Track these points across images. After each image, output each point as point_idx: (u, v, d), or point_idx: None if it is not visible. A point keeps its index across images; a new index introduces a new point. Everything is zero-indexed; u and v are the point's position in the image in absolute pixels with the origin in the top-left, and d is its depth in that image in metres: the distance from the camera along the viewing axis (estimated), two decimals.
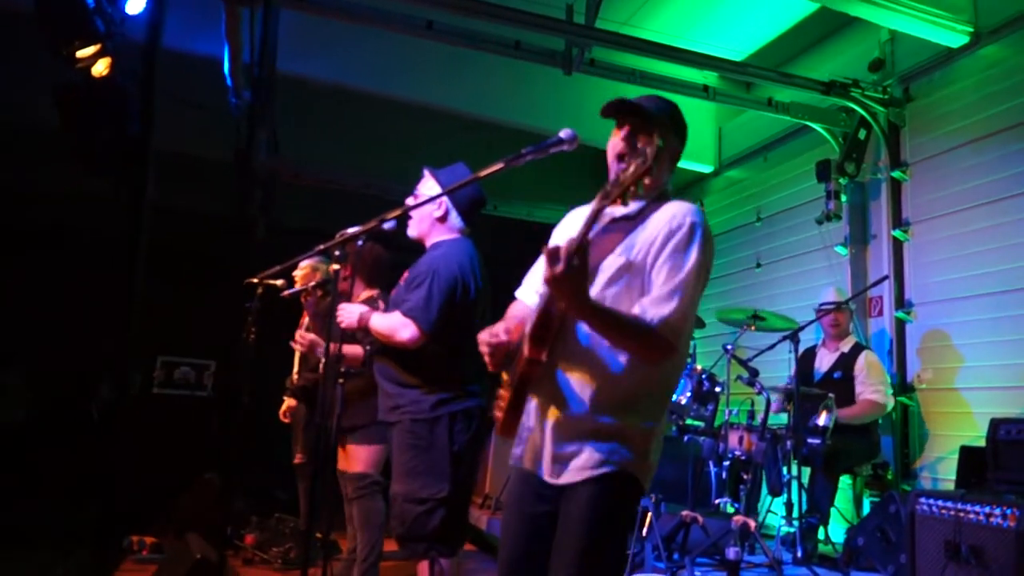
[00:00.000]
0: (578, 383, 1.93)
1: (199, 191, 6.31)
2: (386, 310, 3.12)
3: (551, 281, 1.70)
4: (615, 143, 2.07)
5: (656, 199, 2.04)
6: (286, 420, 5.16)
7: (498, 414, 2.01)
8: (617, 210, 2.01)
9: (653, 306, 1.86)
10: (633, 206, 2.02)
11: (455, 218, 3.06)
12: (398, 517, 2.77)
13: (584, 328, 1.93)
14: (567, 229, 2.13)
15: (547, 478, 1.93)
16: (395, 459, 2.86)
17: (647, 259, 1.92)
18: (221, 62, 4.93)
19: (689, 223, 1.93)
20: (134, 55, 3.92)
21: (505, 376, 1.99)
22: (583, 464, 1.88)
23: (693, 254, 1.90)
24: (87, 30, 3.67)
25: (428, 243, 3.09)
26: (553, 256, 1.68)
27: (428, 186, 3.07)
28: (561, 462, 1.91)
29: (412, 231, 3.10)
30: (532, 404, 2.01)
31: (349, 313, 2.94)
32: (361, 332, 3.05)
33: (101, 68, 3.84)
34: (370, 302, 3.90)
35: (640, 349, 1.88)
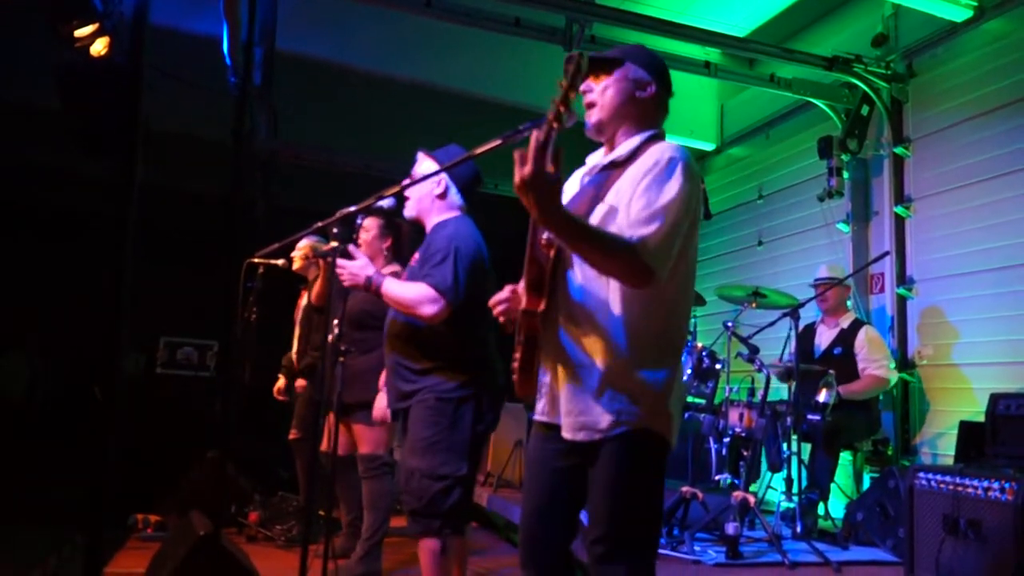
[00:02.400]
0: (578, 336, 1.90)
1: (200, 172, 6.30)
2: None
3: (520, 186, 1.64)
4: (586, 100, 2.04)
5: (646, 142, 1.99)
6: (281, 399, 5.19)
7: (514, 376, 2.02)
8: (607, 157, 2.03)
9: (631, 228, 1.81)
10: (622, 151, 1.99)
11: (455, 195, 3.02)
12: (415, 492, 2.74)
13: (577, 276, 1.91)
14: (570, 188, 2.09)
15: (565, 434, 1.91)
16: (413, 434, 2.81)
17: (629, 198, 1.88)
18: (220, 41, 4.90)
19: (667, 157, 1.88)
20: (136, 35, 3.91)
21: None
22: (595, 424, 1.86)
23: (674, 184, 1.84)
24: (85, 9, 3.65)
25: (428, 222, 3.03)
26: (522, 157, 1.61)
27: (425, 167, 3.04)
28: (575, 419, 1.89)
29: (410, 211, 3.03)
30: (544, 361, 1.99)
31: (353, 272, 2.81)
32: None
33: (100, 48, 3.83)
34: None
35: (619, 269, 1.81)
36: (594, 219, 1.90)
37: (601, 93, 2.03)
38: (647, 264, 1.78)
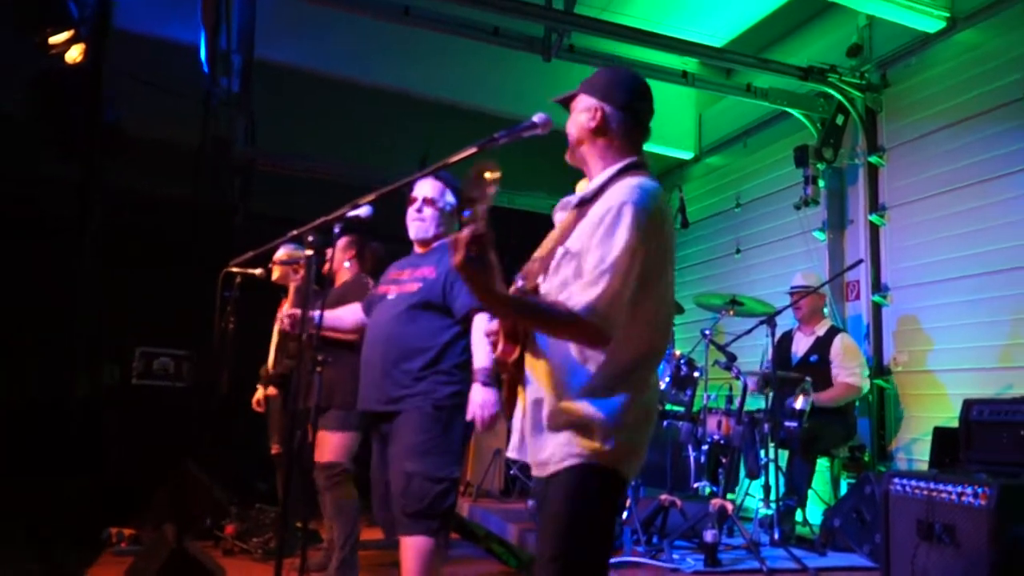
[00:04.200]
0: (538, 376, 1.92)
1: (177, 179, 6.25)
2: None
3: (458, 270, 1.67)
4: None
5: (612, 177, 1.94)
6: (259, 409, 5.14)
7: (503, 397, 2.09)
8: (576, 195, 2.02)
9: (579, 292, 1.80)
10: (588, 188, 1.98)
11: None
12: (416, 494, 2.80)
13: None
14: (558, 218, 2.07)
15: (533, 471, 1.96)
16: (406, 439, 2.87)
17: (583, 246, 1.86)
18: (198, 49, 4.87)
19: (618, 204, 1.82)
20: (112, 42, 3.88)
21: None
22: (549, 458, 1.87)
23: (622, 234, 1.79)
24: (60, 16, 3.62)
25: (437, 243, 3.12)
26: (453, 244, 1.65)
27: (429, 185, 3.09)
28: (534, 456, 1.92)
29: (426, 232, 3.12)
30: (519, 398, 2.02)
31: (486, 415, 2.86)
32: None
33: (75, 54, 3.80)
34: (359, 280, 3.93)
35: (569, 337, 1.83)
36: (554, 262, 1.93)
37: (568, 130, 2.06)
38: (597, 327, 1.77)
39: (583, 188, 2.05)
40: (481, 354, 2.87)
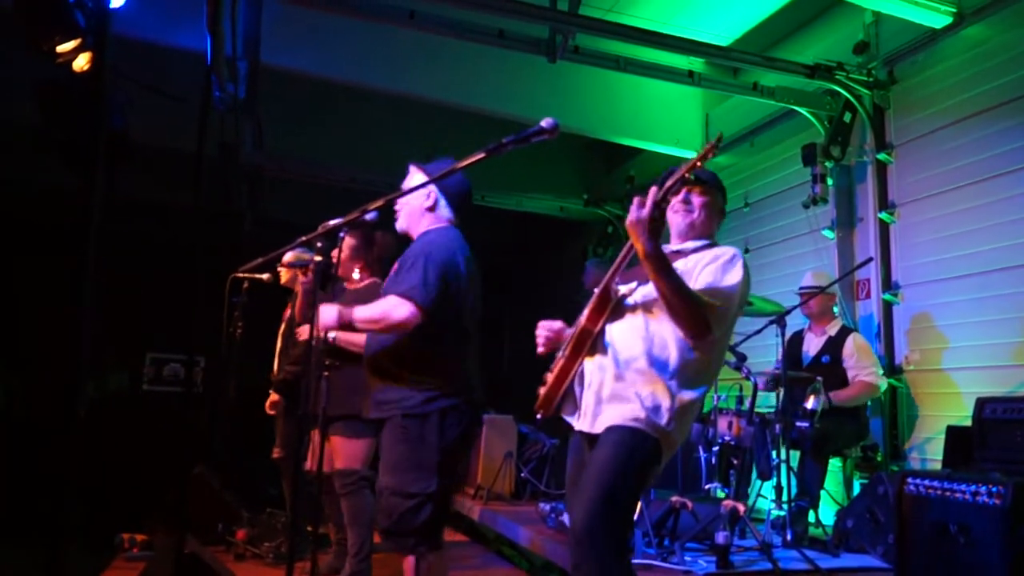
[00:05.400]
0: (621, 354, 2.23)
1: (184, 185, 6.27)
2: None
3: (634, 223, 2.06)
4: (675, 202, 2.43)
5: (707, 246, 2.40)
6: (271, 413, 5.15)
7: (541, 390, 2.38)
8: (673, 247, 2.42)
9: (705, 291, 2.19)
10: (688, 246, 2.41)
11: (444, 208, 3.00)
12: (385, 511, 2.72)
13: (634, 309, 2.28)
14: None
15: (588, 430, 2.26)
16: (384, 453, 2.81)
17: (693, 269, 2.27)
18: (203, 55, 4.88)
19: (732, 253, 2.30)
20: (119, 50, 3.89)
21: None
22: (612, 416, 2.19)
23: (736, 272, 2.25)
24: (67, 24, 3.63)
25: (416, 234, 3.02)
26: (640, 202, 2.05)
27: (415, 180, 3.02)
28: (600, 415, 2.23)
29: (401, 224, 3.02)
30: (584, 372, 2.31)
31: (325, 316, 2.81)
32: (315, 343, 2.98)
33: (82, 63, 3.81)
34: (373, 288, 3.87)
35: (686, 314, 2.15)
36: (649, 287, 2.24)
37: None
38: (709, 324, 2.17)
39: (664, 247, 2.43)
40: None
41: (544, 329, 2.46)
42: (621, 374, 2.22)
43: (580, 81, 6.45)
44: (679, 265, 2.28)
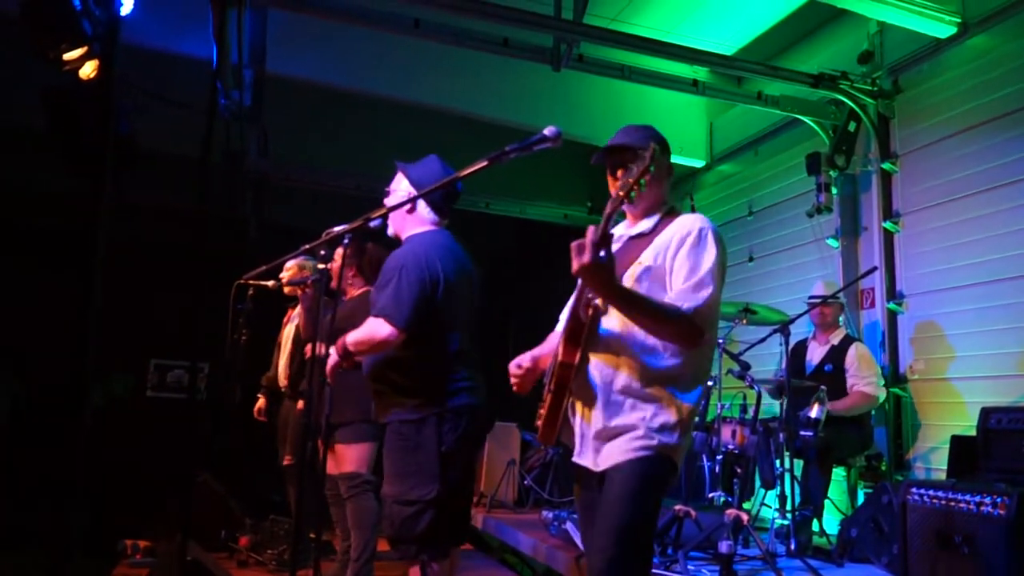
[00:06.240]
0: (608, 378, 2.10)
1: (190, 192, 6.30)
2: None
3: (581, 272, 1.87)
4: (613, 186, 2.19)
5: (666, 215, 2.25)
6: (261, 419, 5.16)
7: (538, 423, 2.24)
8: (633, 229, 2.27)
9: (684, 296, 2.04)
10: (647, 223, 2.24)
11: (424, 210, 3.01)
12: (388, 518, 2.74)
13: (611, 327, 2.12)
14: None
15: (592, 467, 2.13)
16: (385, 460, 2.82)
17: (664, 262, 2.12)
18: (210, 63, 4.91)
19: (698, 228, 2.13)
20: (126, 58, 3.92)
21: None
22: (616, 452, 2.06)
23: (710, 251, 2.10)
24: (74, 33, 3.66)
25: (404, 237, 3.05)
26: (579, 248, 1.85)
27: (399, 180, 3.06)
28: (602, 451, 2.11)
29: (390, 229, 3.06)
30: (575, 405, 2.19)
31: (331, 356, 2.88)
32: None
33: (89, 70, 3.84)
34: (365, 298, 3.88)
35: (673, 334, 2.05)
36: (631, 278, 2.13)
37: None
38: (700, 328, 2.04)
39: (622, 228, 2.33)
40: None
41: (513, 368, 2.30)
42: (616, 401, 2.10)
43: (584, 89, 6.46)
44: (649, 252, 2.15)
